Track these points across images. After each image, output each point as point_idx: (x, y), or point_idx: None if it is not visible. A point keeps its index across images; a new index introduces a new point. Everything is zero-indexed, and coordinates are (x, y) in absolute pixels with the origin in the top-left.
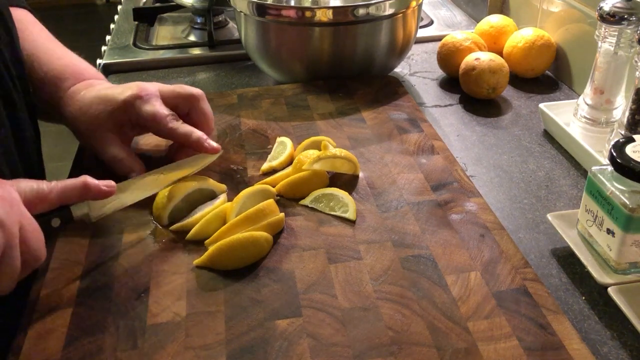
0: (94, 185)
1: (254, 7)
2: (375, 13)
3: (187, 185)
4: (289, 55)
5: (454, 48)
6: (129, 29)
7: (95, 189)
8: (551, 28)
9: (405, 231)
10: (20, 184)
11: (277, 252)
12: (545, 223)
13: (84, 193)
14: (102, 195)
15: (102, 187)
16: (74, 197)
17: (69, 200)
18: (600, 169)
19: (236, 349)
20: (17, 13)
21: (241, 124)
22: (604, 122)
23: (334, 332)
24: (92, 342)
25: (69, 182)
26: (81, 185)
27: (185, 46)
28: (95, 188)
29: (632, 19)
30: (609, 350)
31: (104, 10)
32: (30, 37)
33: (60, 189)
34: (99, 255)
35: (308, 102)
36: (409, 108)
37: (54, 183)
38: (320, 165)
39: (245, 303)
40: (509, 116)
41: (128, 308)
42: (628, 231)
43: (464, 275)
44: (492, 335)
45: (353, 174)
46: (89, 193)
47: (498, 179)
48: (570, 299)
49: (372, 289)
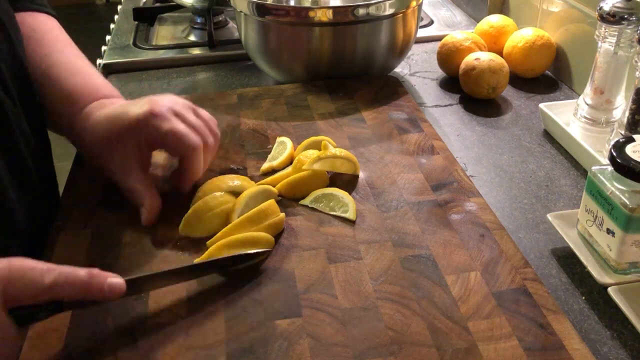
0: (98, 285)
1: (254, 7)
2: (375, 13)
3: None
4: (289, 55)
5: (454, 48)
6: (129, 29)
7: (99, 291)
8: (551, 28)
9: (405, 231)
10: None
11: (277, 252)
12: (545, 223)
13: (84, 292)
14: (108, 299)
15: (107, 292)
16: (71, 294)
17: (64, 296)
18: (600, 169)
19: (236, 349)
20: (37, 19)
21: (241, 124)
22: (604, 122)
23: (334, 332)
24: (92, 342)
25: (71, 275)
26: (83, 281)
27: (185, 46)
28: (98, 290)
29: (632, 19)
30: (609, 350)
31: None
32: (43, 50)
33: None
34: (99, 255)
35: (308, 102)
36: (409, 108)
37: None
38: (320, 165)
39: (245, 303)
40: (509, 116)
41: (128, 308)
42: (628, 231)
43: (464, 275)
44: (492, 335)
45: (353, 173)
46: (89, 294)
47: (498, 179)
48: (570, 299)
49: (372, 289)
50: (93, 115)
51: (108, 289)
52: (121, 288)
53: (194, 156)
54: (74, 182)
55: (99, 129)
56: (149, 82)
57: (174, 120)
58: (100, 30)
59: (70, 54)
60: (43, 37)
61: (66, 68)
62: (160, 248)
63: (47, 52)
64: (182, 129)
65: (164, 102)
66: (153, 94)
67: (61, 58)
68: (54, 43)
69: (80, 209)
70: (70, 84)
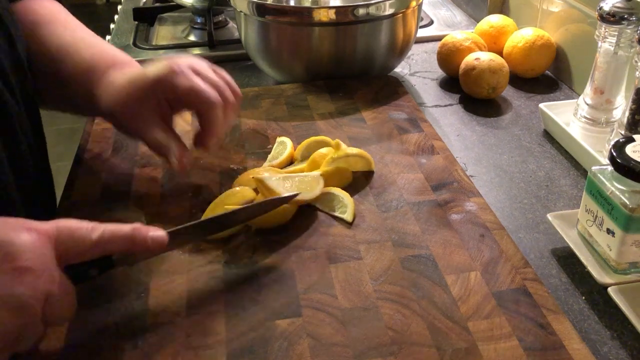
0: (141, 238)
1: (254, 7)
2: (375, 13)
3: None
4: (289, 55)
5: (454, 48)
6: (129, 28)
7: (142, 242)
8: (551, 28)
9: (406, 231)
10: (60, 227)
11: (277, 252)
12: (545, 223)
13: (130, 246)
14: (152, 251)
15: (150, 244)
16: (118, 248)
17: (112, 251)
18: (600, 169)
19: (236, 349)
20: (45, 4)
21: (241, 124)
22: (604, 122)
23: (334, 332)
24: (92, 342)
25: (116, 230)
26: (128, 235)
27: (185, 46)
28: (142, 243)
29: (632, 19)
30: (609, 350)
31: (104, 10)
32: (57, 31)
33: (105, 239)
34: None
35: (308, 102)
36: (409, 108)
37: (98, 229)
38: (336, 164)
39: (245, 303)
40: (509, 116)
41: (128, 308)
42: (628, 231)
43: (464, 275)
44: (492, 335)
45: (368, 170)
46: (135, 247)
47: (498, 179)
48: (570, 299)
49: (372, 289)
50: (113, 79)
51: (151, 240)
52: (163, 239)
53: (214, 112)
54: (74, 182)
55: (121, 90)
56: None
57: (194, 78)
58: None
59: (83, 30)
60: (53, 19)
61: (83, 42)
62: None
63: (61, 30)
64: (202, 85)
65: (183, 61)
66: None
67: (74, 35)
68: (65, 23)
69: (81, 209)
70: (88, 54)
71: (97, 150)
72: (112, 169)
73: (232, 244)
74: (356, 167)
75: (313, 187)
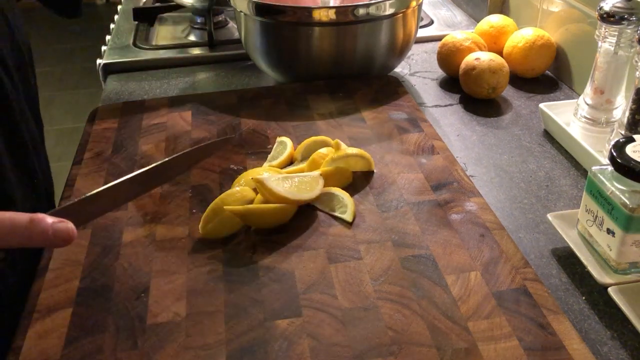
0: (41, 232)
1: (254, 7)
2: (375, 13)
3: None
4: (289, 56)
5: (454, 48)
6: (129, 28)
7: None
8: (551, 28)
9: (406, 231)
10: None
11: (277, 252)
12: (546, 223)
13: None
14: (56, 245)
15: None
16: (8, 242)
17: (6, 244)
18: (601, 169)
19: (236, 349)
20: None
21: (241, 124)
22: (604, 122)
23: (334, 332)
24: (92, 342)
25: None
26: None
27: (185, 46)
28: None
29: (632, 19)
30: (609, 350)
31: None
32: None
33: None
34: (99, 255)
35: (308, 102)
36: (409, 108)
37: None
38: (336, 164)
39: (245, 303)
40: (509, 116)
41: (128, 308)
42: (628, 231)
43: (464, 275)
44: (492, 335)
45: (368, 170)
46: (32, 241)
47: (498, 179)
48: (571, 299)
49: (372, 289)
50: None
51: (53, 235)
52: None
53: None
54: (73, 182)
55: None
56: (149, 82)
57: None
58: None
59: None
60: None
61: None
62: (160, 248)
63: None
64: None
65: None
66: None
67: None
68: None
69: None
70: None
71: (97, 150)
72: (112, 169)
73: (232, 243)
74: (356, 167)
75: (313, 187)
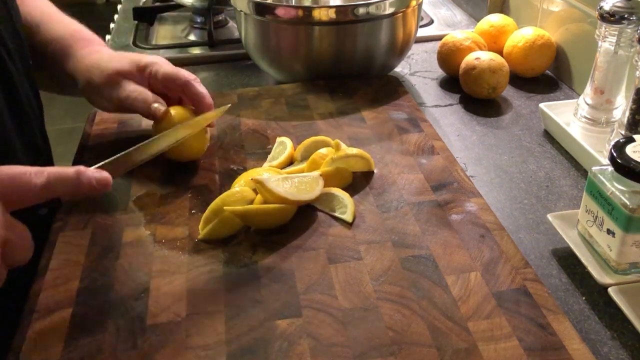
0: (87, 180)
1: (254, 7)
2: (375, 12)
3: None
4: (289, 55)
5: (454, 47)
6: (129, 28)
7: (88, 184)
8: (551, 27)
9: (406, 231)
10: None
11: (277, 252)
12: (546, 223)
13: (75, 187)
14: (96, 192)
15: (95, 185)
16: (62, 191)
17: (57, 194)
18: (601, 169)
19: (236, 349)
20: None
21: (241, 124)
22: (604, 122)
23: (334, 332)
24: (92, 342)
25: (59, 172)
26: (73, 178)
27: (185, 46)
28: (88, 183)
29: (632, 19)
30: (609, 350)
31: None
32: (39, 4)
33: (48, 181)
34: (99, 256)
35: (308, 102)
36: (409, 108)
37: (42, 174)
38: (336, 165)
39: (245, 303)
40: (509, 116)
41: (128, 308)
42: (628, 231)
43: (464, 275)
44: (492, 335)
45: (368, 170)
46: (81, 189)
47: (498, 179)
48: (571, 299)
49: (373, 289)
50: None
51: (96, 182)
52: (108, 180)
53: (194, 85)
54: None
55: (106, 62)
56: None
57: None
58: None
59: (61, 13)
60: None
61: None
62: (160, 248)
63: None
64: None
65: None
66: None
67: (55, 13)
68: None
69: (80, 209)
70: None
71: (97, 150)
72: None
73: (232, 244)
74: (356, 168)
75: (313, 188)
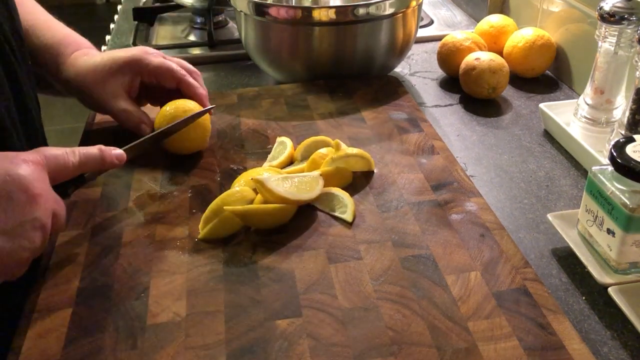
0: (109, 156)
1: (253, 7)
2: (375, 13)
3: None
4: (289, 55)
5: (454, 48)
6: (129, 28)
7: (110, 159)
8: (551, 28)
9: (406, 231)
10: (47, 155)
11: (277, 252)
12: (546, 223)
13: (100, 163)
14: (115, 166)
15: (115, 160)
16: (91, 167)
17: (86, 169)
18: (601, 169)
19: (236, 349)
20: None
21: (241, 124)
22: (604, 122)
23: (334, 332)
24: (92, 342)
25: (87, 151)
26: (98, 155)
27: (185, 46)
28: (109, 158)
29: (632, 19)
30: (609, 350)
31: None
32: (28, 9)
33: (80, 159)
34: (99, 255)
35: (308, 102)
36: (409, 108)
37: (76, 153)
38: (336, 164)
39: (245, 303)
40: (509, 116)
41: (128, 308)
42: (628, 231)
43: (464, 275)
44: (492, 335)
45: (368, 170)
46: (105, 164)
47: (498, 179)
48: (571, 299)
49: (372, 289)
50: (82, 57)
51: (116, 158)
52: (124, 156)
53: (186, 78)
54: None
55: (96, 67)
56: None
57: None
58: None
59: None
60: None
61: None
62: (160, 248)
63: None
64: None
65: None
66: None
67: (45, 17)
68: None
69: (80, 208)
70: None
71: None
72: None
73: (232, 243)
74: (356, 167)
75: (313, 187)
